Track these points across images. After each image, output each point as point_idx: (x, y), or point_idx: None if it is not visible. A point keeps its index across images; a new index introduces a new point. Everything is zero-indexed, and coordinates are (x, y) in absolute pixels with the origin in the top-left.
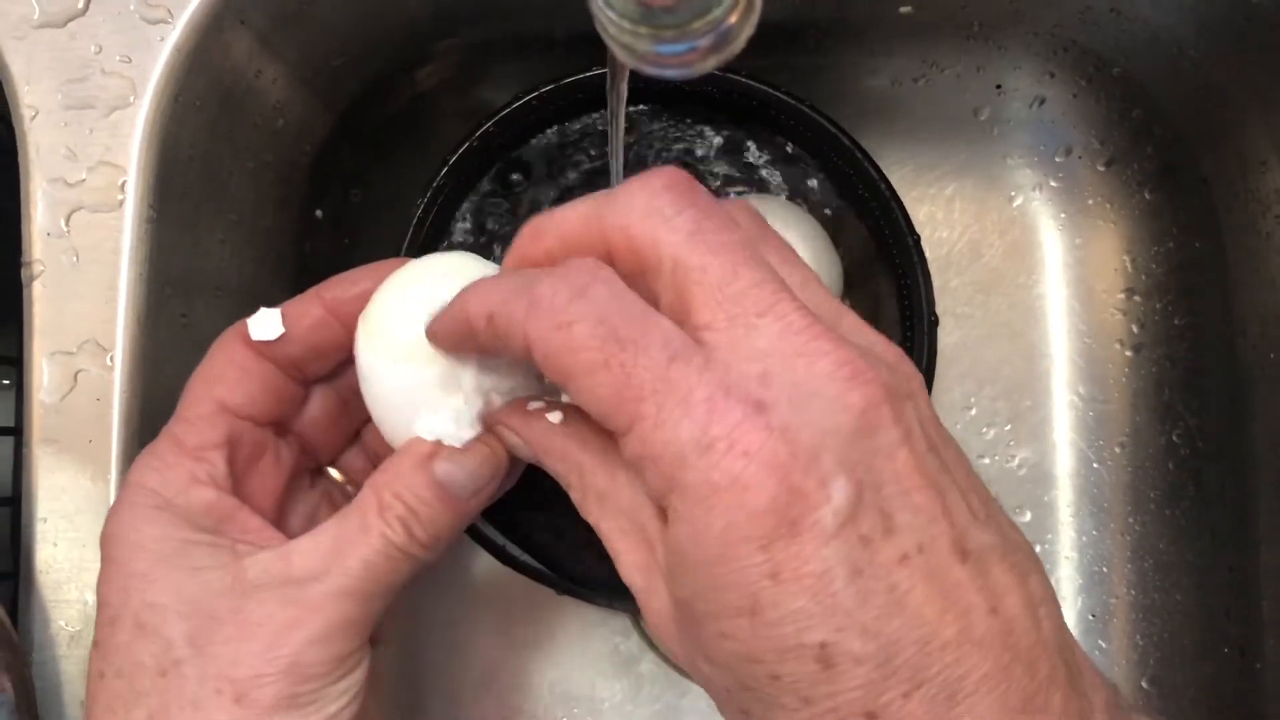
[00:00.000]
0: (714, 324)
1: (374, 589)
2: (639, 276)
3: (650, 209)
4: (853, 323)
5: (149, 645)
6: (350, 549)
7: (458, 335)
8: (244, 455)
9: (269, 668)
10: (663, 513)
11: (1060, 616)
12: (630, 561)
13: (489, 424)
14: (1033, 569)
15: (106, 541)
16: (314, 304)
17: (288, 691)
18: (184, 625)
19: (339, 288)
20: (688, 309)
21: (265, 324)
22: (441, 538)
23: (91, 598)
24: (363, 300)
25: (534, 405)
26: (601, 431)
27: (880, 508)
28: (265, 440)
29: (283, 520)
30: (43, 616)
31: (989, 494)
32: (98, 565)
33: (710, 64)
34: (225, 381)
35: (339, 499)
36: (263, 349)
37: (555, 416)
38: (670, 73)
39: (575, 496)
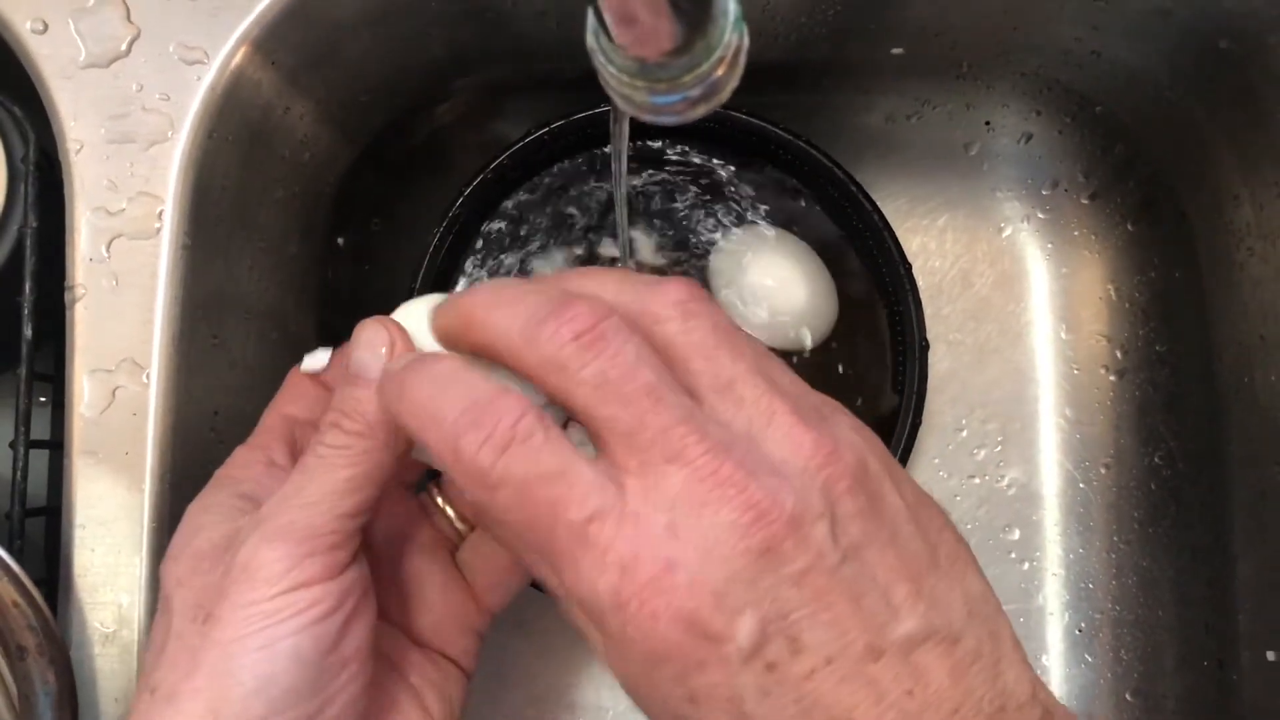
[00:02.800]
0: (628, 469)
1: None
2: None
3: (557, 364)
4: (782, 425)
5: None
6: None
7: None
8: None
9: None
10: None
11: (1000, 660)
12: (596, 648)
13: None
14: (967, 631)
15: None
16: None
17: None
18: (182, 574)
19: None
20: (606, 453)
21: (315, 360)
22: (368, 418)
23: (126, 599)
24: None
25: None
26: None
27: (787, 634)
28: None
29: None
30: (80, 618)
31: (941, 554)
32: (132, 569)
33: (700, 112)
34: (287, 396)
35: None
36: (317, 378)
37: None
38: (665, 119)
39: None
